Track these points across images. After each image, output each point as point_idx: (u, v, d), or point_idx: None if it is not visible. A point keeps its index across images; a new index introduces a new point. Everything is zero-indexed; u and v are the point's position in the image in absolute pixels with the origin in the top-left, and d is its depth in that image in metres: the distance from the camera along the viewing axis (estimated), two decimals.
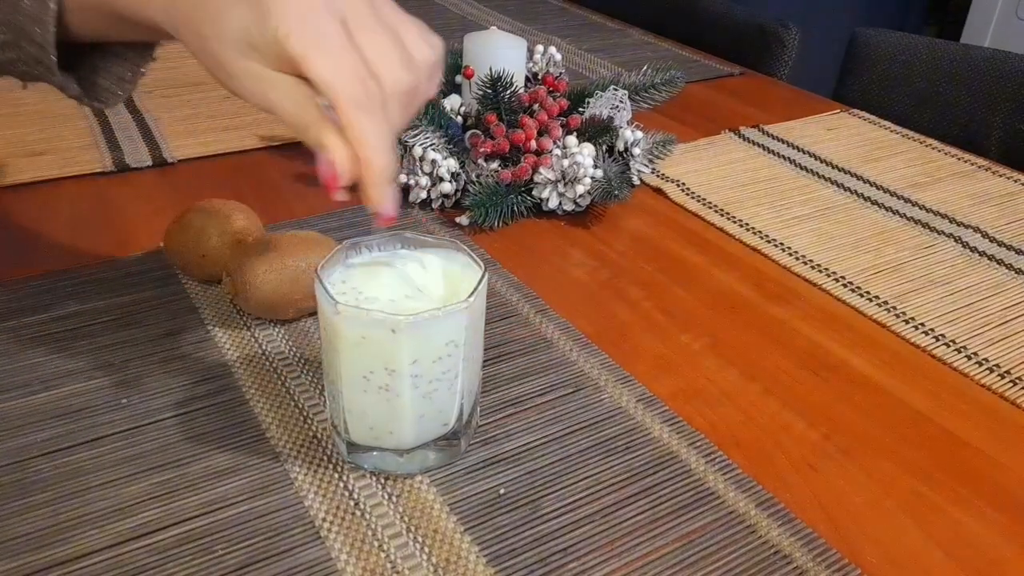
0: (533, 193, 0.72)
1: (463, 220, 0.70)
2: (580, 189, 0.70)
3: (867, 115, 0.99)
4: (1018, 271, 0.68)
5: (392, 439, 0.44)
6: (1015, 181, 0.84)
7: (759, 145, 0.90)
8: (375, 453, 0.45)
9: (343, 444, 0.46)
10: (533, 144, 0.72)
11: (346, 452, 0.46)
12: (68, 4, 0.43)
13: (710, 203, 0.77)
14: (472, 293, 0.42)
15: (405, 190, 0.74)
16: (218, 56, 0.39)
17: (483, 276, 0.43)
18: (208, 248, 0.58)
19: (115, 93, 0.50)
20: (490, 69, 0.72)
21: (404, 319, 0.40)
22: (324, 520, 0.43)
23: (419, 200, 0.73)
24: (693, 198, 0.78)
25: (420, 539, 0.42)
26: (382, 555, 0.41)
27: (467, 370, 0.44)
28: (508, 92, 0.72)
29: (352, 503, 0.44)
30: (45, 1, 0.43)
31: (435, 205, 0.73)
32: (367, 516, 0.43)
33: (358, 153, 0.39)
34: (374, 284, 0.44)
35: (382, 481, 0.45)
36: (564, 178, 0.71)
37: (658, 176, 0.81)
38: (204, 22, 0.39)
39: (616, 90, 0.77)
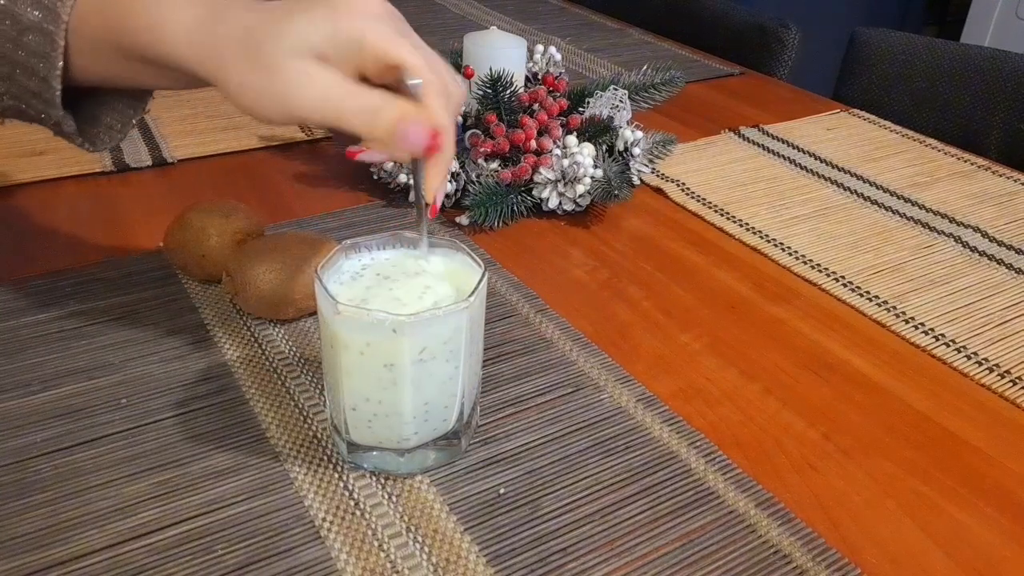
0: (533, 193, 0.72)
1: (463, 220, 0.70)
2: (580, 189, 0.70)
3: (867, 115, 0.99)
4: (1018, 271, 0.68)
5: (392, 439, 0.44)
6: (1015, 181, 0.84)
7: (759, 145, 0.90)
8: (375, 453, 0.45)
9: (343, 444, 0.46)
10: (533, 144, 0.72)
11: (346, 452, 0.46)
12: (76, 44, 0.43)
13: (710, 203, 0.77)
14: (472, 293, 0.42)
15: (405, 190, 0.74)
16: (275, 65, 0.40)
17: (483, 276, 0.43)
18: (208, 248, 0.58)
19: (103, 139, 0.50)
20: (490, 69, 0.72)
21: (405, 319, 0.40)
22: (324, 520, 0.43)
23: None
24: (693, 198, 0.78)
25: (420, 539, 0.42)
26: (382, 555, 0.41)
27: (467, 370, 0.44)
28: (508, 92, 0.72)
29: (352, 503, 0.44)
30: (53, 38, 0.43)
31: None
32: (367, 516, 0.43)
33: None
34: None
35: (382, 481, 0.45)
36: (564, 178, 0.71)
37: (658, 176, 0.81)
38: (264, 36, 0.40)
39: (616, 90, 0.77)
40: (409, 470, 0.45)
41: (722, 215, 0.75)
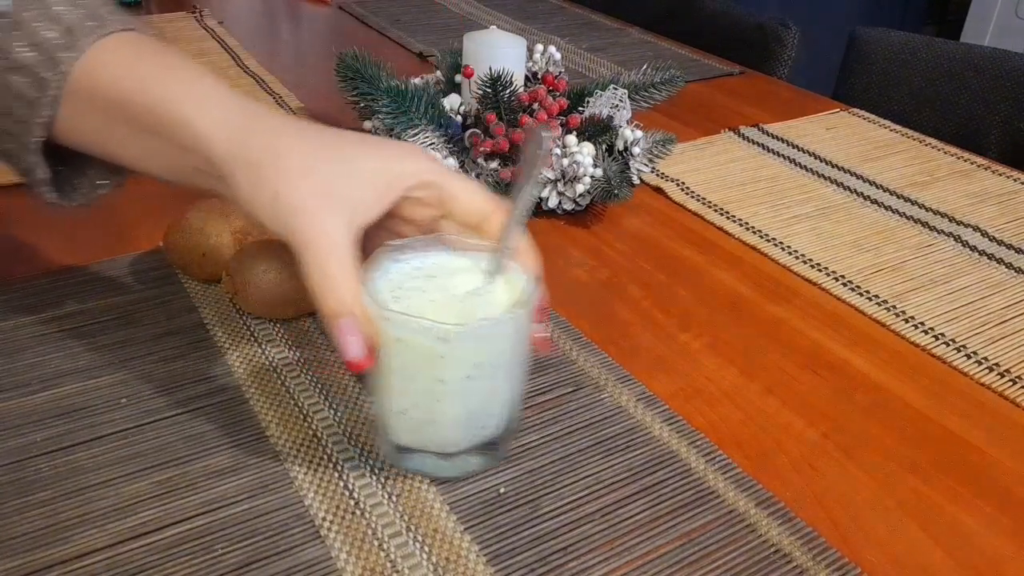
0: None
1: None
2: (580, 188, 0.70)
3: (866, 114, 0.99)
4: (1017, 270, 0.68)
5: (436, 442, 0.44)
6: (1014, 180, 0.84)
7: (759, 144, 0.90)
8: (419, 455, 0.45)
9: (388, 445, 0.46)
10: None
11: (390, 453, 0.46)
12: (71, 96, 0.42)
13: (710, 202, 0.77)
14: (521, 304, 0.42)
15: None
16: (291, 201, 0.40)
17: (532, 286, 0.43)
18: (208, 248, 0.58)
19: (81, 194, 0.48)
20: (490, 68, 0.72)
21: (452, 327, 0.40)
22: (324, 519, 0.43)
23: None
24: (693, 197, 0.78)
25: (420, 538, 0.42)
26: (382, 554, 0.41)
27: (512, 377, 0.44)
28: (508, 91, 0.72)
29: (352, 502, 0.44)
30: (44, 85, 0.41)
31: None
32: (367, 515, 0.43)
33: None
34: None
35: (382, 480, 0.45)
36: (564, 177, 0.71)
37: (658, 175, 0.81)
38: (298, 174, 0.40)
39: (616, 89, 0.77)
40: (452, 474, 0.45)
41: (722, 214, 0.75)
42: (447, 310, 0.42)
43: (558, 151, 0.72)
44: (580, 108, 0.77)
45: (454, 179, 0.44)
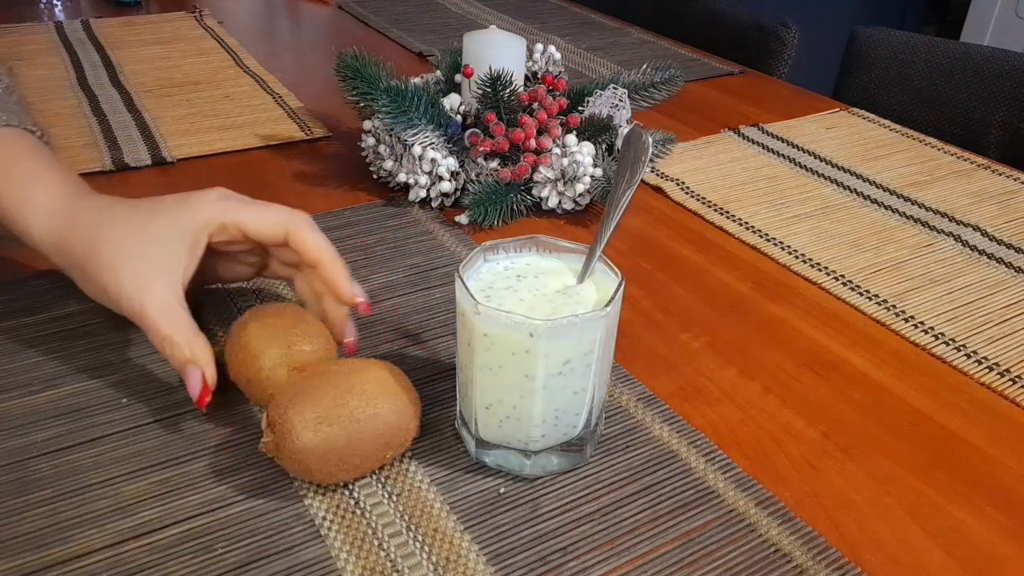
0: (532, 192, 0.72)
1: (462, 219, 0.70)
2: (580, 188, 0.70)
3: (866, 114, 0.99)
4: (1017, 269, 0.68)
5: (520, 439, 0.44)
6: (1014, 179, 0.84)
7: (759, 144, 0.90)
8: (501, 451, 0.45)
9: (472, 440, 0.46)
10: (532, 143, 0.72)
11: (474, 448, 0.46)
12: None
13: (710, 202, 0.77)
14: (609, 302, 0.42)
15: (405, 188, 0.74)
16: (113, 275, 0.48)
17: (620, 284, 0.43)
18: (254, 375, 0.47)
19: None
20: (489, 68, 0.72)
21: (542, 324, 0.40)
22: (324, 519, 0.43)
23: (419, 199, 0.73)
24: (693, 197, 0.78)
25: (420, 538, 0.42)
26: (382, 554, 0.41)
27: (598, 377, 0.44)
28: (507, 91, 0.72)
29: (352, 502, 0.44)
30: None
31: (435, 204, 0.73)
32: (367, 515, 0.43)
33: (321, 256, 0.50)
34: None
35: (382, 480, 0.45)
36: (564, 177, 0.71)
37: (658, 175, 0.81)
38: (112, 251, 0.48)
39: (616, 89, 0.77)
40: (533, 472, 0.45)
41: (722, 214, 0.75)
42: (536, 308, 0.43)
43: (558, 151, 0.72)
44: (580, 108, 0.77)
45: (243, 210, 0.51)
